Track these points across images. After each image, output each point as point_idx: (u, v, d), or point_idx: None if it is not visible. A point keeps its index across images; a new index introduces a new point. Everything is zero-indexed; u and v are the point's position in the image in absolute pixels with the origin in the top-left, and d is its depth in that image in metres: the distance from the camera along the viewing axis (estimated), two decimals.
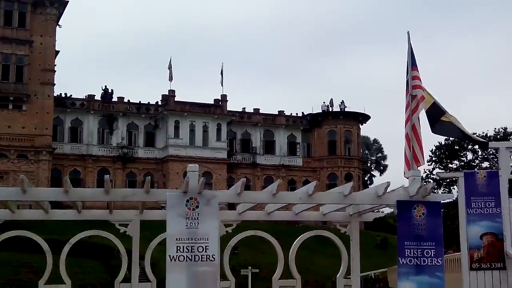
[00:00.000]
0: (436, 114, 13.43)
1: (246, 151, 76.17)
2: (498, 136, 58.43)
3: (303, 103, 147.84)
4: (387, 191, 9.93)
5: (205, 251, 8.93)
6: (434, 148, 65.04)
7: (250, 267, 46.75)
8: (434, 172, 61.33)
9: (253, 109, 78.12)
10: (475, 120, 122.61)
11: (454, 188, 46.42)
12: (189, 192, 8.96)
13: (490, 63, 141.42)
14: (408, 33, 11.71)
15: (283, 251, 11.77)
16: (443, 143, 64.01)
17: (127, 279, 12.15)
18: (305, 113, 78.88)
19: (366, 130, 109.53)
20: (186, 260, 8.88)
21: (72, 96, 70.91)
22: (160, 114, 72.21)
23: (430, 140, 79.45)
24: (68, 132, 69.86)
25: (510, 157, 13.66)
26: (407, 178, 10.52)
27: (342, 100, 78.38)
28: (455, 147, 63.47)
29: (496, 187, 13.37)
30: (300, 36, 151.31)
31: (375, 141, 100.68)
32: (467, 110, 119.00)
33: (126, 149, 70.83)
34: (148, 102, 74.13)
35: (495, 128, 62.65)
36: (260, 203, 10.32)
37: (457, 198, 13.70)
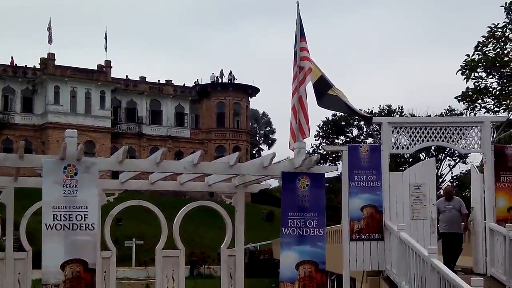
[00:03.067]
0: (323, 88, 13.59)
1: (131, 120, 74.77)
2: (382, 113, 60.45)
3: (193, 73, 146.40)
4: (273, 162, 9.94)
5: (84, 220, 8.62)
6: (321, 123, 66.53)
7: (134, 239, 46.29)
8: (321, 147, 62.80)
9: (139, 77, 76.62)
10: (363, 96, 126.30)
11: (339, 163, 47.76)
12: (67, 159, 8.54)
13: (378, 40, 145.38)
14: (297, 3, 11.66)
15: (169, 223, 11.58)
16: (330, 118, 65.57)
17: (1, 248, 11.56)
18: (194, 84, 78.29)
19: (255, 103, 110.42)
20: (64, 229, 8.55)
21: None
22: (39, 79, 69.27)
23: (318, 114, 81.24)
24: None
25: (392, 132, 14.09)
26: (293, 150, 10.57)
27: (230, 71, 78.37)
28: (342, 123, 65.13)
29: (378, 161, 13.79)
30: (191, 3, 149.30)
31: (264, 114, 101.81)
32: (356, 86, 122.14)
33: (2, 115, 67.57)
34: (25, 65, 70.86)
35: (380, 105, 64.91)
36: (143, 171, 10.03)
37: (341, 172, 14.01)
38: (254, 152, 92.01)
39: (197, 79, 78.19)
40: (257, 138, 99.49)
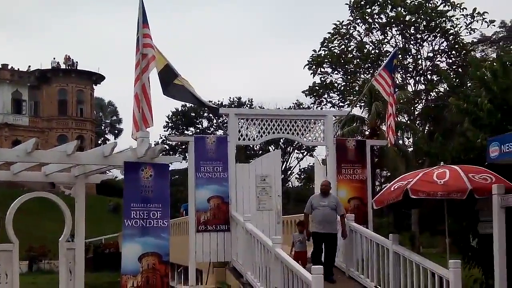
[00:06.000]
0: (169, 77, 13.32)
1: None
2: (232, 105, 61.13)
3: (32, 57, 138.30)
4: (115, 151, 9.56)
5: None
6: (170, 114, 65.96)
7: None
8: (168, 137, 62.39)
9: None
10: (214, 89, 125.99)
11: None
12: None
13: (232, 34, 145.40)
14: None
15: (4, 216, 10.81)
16: (179, 109, 65.20)
17: None
18: (34, 69, 74.26)
19: (101, 91, 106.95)
20: None
21: None
22: None
23: (168, 105, 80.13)
24: None
25: (239, 123, 14.08)
26: (135, 140, 10.22)
27: (68, 56, 74.60)
28: (192, 114, 65.05)
29: (225, 152, 13.76)
30: None
31: (110, 103, 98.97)
32: (207, 79, 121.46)
33: None
34: None
35: (230, 97, 65.53)
36: None
37: None
38: (100, 142, 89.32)
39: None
40: (102, 127, 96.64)
